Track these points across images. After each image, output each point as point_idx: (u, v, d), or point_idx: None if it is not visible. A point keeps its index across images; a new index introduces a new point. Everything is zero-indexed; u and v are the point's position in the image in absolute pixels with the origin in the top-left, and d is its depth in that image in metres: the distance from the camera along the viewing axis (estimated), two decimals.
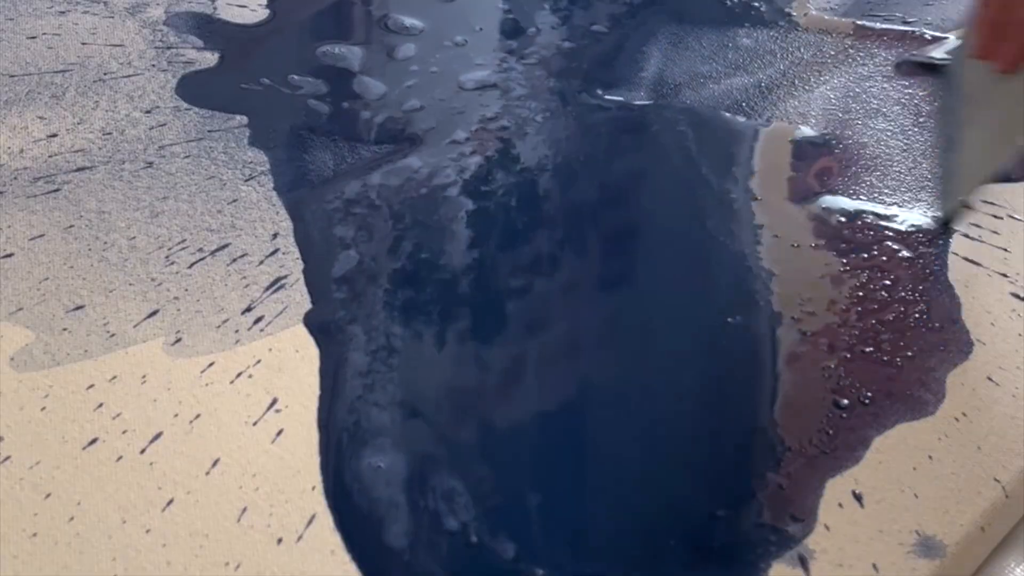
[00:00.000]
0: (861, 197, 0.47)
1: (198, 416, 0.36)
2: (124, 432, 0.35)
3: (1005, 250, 0.44)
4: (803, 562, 0.32)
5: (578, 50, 0.58)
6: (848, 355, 0.39)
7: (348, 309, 0.40)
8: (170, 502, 0.33)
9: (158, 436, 0.35)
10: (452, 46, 0.58)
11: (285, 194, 0.46)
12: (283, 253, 0.43)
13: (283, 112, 0.51)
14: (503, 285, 0.41)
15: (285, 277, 0.41)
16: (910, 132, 0.51)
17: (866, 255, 0.43)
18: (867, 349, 0.39)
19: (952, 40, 0.58)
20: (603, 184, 0.47)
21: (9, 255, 0.42)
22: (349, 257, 0.42)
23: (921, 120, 0.52)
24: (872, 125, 0.52)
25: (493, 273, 0.42)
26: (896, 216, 0.46)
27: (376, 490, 0.33)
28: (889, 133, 0.51)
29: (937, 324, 0.40)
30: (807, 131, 0.51)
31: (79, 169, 0.47)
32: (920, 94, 0.54)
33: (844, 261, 0.43)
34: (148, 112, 0.51)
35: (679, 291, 0.42)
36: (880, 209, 0.46)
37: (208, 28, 0.58)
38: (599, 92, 0.54)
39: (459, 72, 0.55)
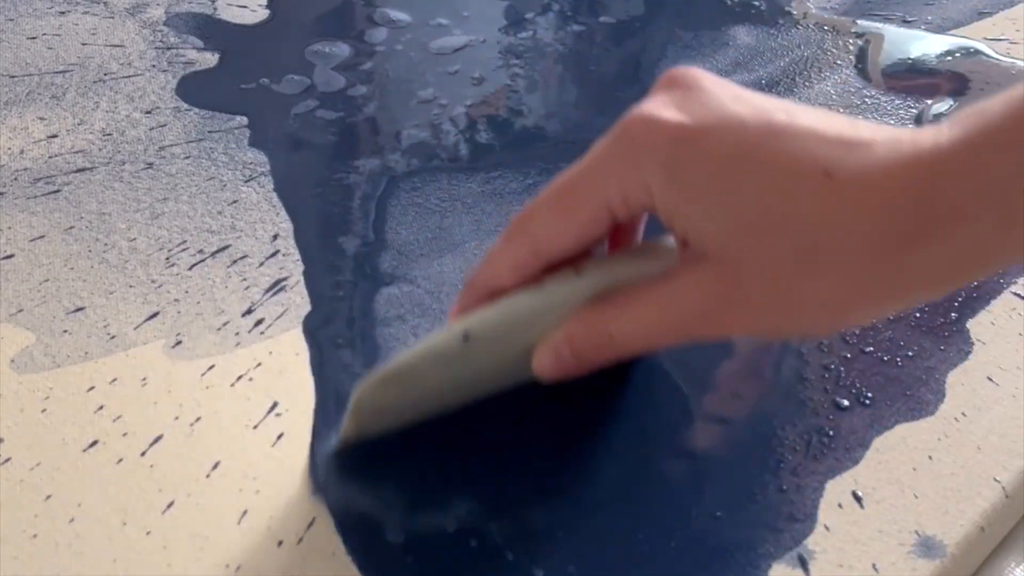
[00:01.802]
0: None
1: (199, 419, 0.36)
2: (124, 434, 0.35)
3: None
4: (803, 562, 0.32)
5: (577, 34, 0.58)
6: (848, 354, 0.39)
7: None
8: (171, 504, 0.33)
9: (159, 439, 0.35)
10: (435, 26, 0.59)
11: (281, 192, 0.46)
12: (283, 255, 0.43)
13: (282, 112, 0.51)
14: None
15: (285, 279, 0.41)
16: (910, 127, 0.51)
17: None
18: (867, 348, 0.39)
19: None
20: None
21: (9, 256, 0.42)
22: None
23: (921, 115, 0.52)
24: (873, 121, 0.51)
25: None
26: None
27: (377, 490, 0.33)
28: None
29: (937, 323, 0.40)
30: None
31: (79, 170, 0.47)
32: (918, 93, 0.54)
33: None
34: (148, 113, 0.51)
35: None
36: None
37: (208, 28, 0.58)
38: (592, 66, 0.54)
39: (430, 41, 0.57)
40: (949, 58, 0.57)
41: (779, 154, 0.25)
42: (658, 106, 0.27)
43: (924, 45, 0.59)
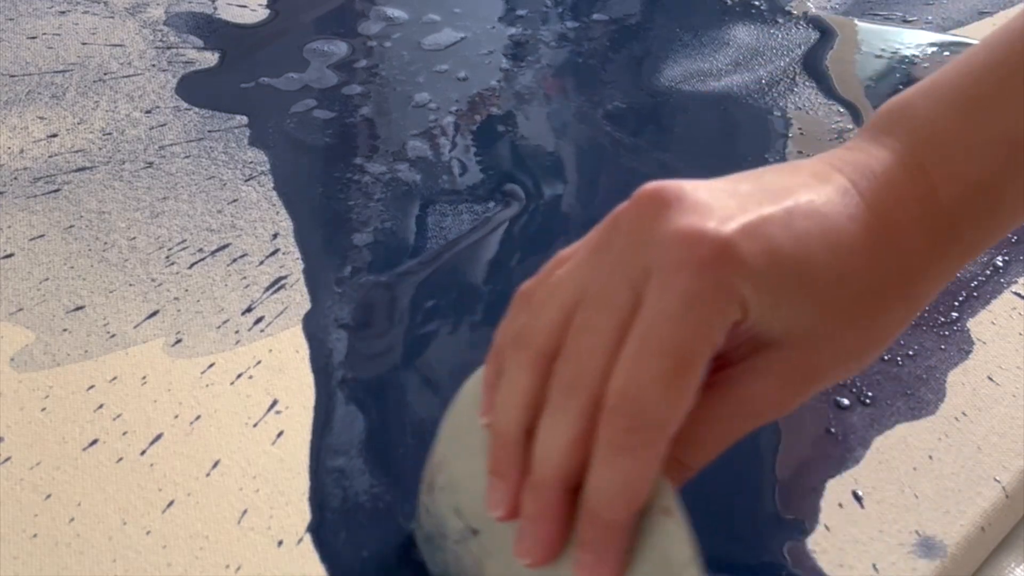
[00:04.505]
0: None
1: (198, 417, 0.36)
2: (124, 433, 0.35)
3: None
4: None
5: (573, 31, 0.58)
6: None
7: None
8: (170, 503, 0.33)
9: (158, 437, 0.35)
10: (428, 23, 0.59)
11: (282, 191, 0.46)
12: (283, 253, 0.43)
13: (282, 111, 0.51)
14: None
15: (285, 277, 0.41)
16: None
17: None
18: None
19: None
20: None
21: (9, 255, 0.42)
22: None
23: None
24: None
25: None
26: None
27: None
28: None
29: (937, 322, 0.40)
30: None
31: (79, 169, 0.47)
32: None
33: None
34: (148, 112, 0.51)
35: None
36: None
37: (208, 28, 0.58)
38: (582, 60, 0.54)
39: (422, 37, 0.58)
40: (947, 53, 0.57)
41: (815, 224, 0.26)
42: (694, 222, 0.25)
43: (915, 45, 0.58)
